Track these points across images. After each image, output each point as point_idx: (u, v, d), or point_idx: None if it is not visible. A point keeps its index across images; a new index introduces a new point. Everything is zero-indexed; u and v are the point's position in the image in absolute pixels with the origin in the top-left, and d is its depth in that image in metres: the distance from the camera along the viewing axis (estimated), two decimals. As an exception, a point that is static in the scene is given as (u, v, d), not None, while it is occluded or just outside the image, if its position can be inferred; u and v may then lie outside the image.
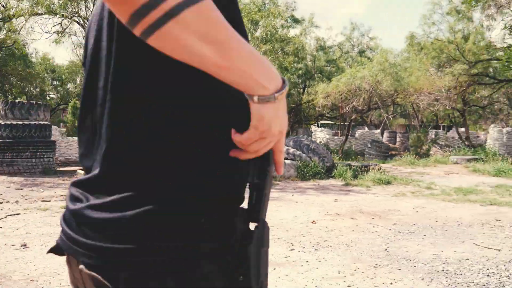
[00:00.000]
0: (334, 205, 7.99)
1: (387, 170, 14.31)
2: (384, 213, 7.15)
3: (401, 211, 7.33)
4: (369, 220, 6.54)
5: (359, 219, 6.63)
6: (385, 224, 6.20)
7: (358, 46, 33.06)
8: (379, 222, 6.38)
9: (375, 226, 6.07)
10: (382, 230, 5.82)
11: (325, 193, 9.63)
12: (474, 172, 14.04)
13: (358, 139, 29.34)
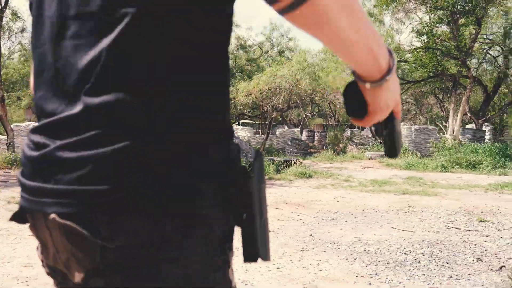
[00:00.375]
0: (259, 198, 8.12)
1: (308, 165, 14.79)
2: (307, 203, 7.40)
3: (322, 201, 7.63)
4: (293, 209, 6.75)
5: (284, 209, 6.82)
6: (309, 213, 6.44)
7: (277, 46, 33.77)
8: (303, 211, 6.61)
9: (300, 215, 6.29)
10: (306, 218, 6.04)
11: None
12: (387, 166, 14.90)
13: (279, 137, 30.00)
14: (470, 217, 6.06)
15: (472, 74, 16.57)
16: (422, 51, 16.75)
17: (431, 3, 14.72)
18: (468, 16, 15.08)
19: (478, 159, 13.82)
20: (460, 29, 15.80)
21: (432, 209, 6.67)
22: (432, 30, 16.25)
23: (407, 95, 26.30)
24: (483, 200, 7.91)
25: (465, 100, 16.56)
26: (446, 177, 11.95)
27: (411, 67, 19.32)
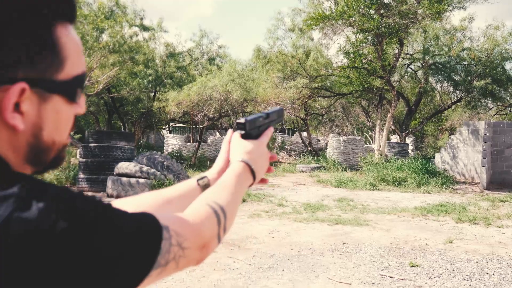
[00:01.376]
0: (193, 234, 7.92)
1: (240, 183, 14.73)
2: (243, 241, 7.30)
3: (258, 237, 7.56)
4: (229, 252, 6.62)
5: (220, 251, 6.66)
6: (245, 257, 6.33)
7: (207, 53, 33.50)
8: (239, 254, 6.49)
9: (236, 261, 6.16)
10: (242, 266, 5.93)
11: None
12: (318, 183, 15.17)
13: (211, 146, 29.78)
14: (402, 259, 6.22)
15: (396, 93, 17.28)
16: (349, 69, 17.26)
17: (357, 26, 15.16)
18: (392, 37, 15.70)
19: (403, 176, 14.43)
20: (384, 49, 16.43)
21: (366, 248, 6.80)
22: (359, 51, 16.77)
23: (335, 105, 27.05)
24: (411, 230, 8.22)
25: (390, 117, 17.25)
26: (375, 197, 12.35)
27: (340, 84, 19.85)
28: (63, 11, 0.68)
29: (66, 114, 0.71)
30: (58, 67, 0.67)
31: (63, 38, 0.67)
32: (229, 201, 0.90)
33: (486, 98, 21.89)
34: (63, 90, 0.68)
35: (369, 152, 19.54)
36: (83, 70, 0.72)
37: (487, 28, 20.89)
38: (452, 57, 20.18)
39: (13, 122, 0.62)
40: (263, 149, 1.10)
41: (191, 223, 0.79)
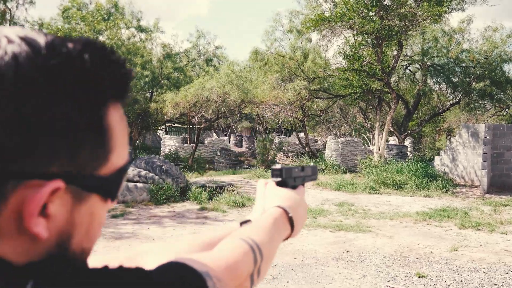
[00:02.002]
0: (194, 241, 7.80)
1: (239, 186, 14.63)
2: (244, 249, 7.18)
3: (260, 245, 7.45)
4: (232, 261, 6.50)
5: (222, 260, 6.55)
6: (248, 267, 6.22)
7: (204, 54, 33.36)
8: (241, 264, 6.38)
9: (239, 272, 6.05)
10: (246, 277, 5.82)
11: (182, 222, 9.40)
12: (318, 186, 15.06)
13: (208, 147, 29.68)
14: (408, 269, 6.12)
15: (395, 95, 17.21)
16: (349, 71, 17.17)
17: (357, 28, 15.06)
18: (391, 40, 15.62)
19: (403, 179, 14.34)
20: (383, 51, 16.35)
21: (370, 257, 6.69)
22: (358, 53, 16.69)
23: (333, 106, 27.00)
24: (415, 236, 8.12)
25: (389, 119, 17.17)
26: (375, 201, 12.25)
27: (339, 86, 19.77)
28: (118, 89, 0.55)
29: (101, 215, 0.58)
30: (102, 160, 0.54)
31: (113, 123, 0.55)
32: (266, 242, 0.82)
33: (485, 100, 21.86)
34: (104, 187, 0.56)
35: (368, 154, 19.46)
36: (127, 160, 0.60)
37: (486, 29, 20.86)
38: (451, 58, 20.14)
39: (36, 229, 0.49)
40: (303, 200, 1.02)
41: (229, 262, 0.71)
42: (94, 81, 0.51)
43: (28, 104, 0.46)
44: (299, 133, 30.31)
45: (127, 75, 0.56)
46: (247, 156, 30.81)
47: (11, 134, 0.46)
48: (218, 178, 16.33)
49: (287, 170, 1.02)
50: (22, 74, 0.46)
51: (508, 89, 21.31)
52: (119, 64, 0.55)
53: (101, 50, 0.53)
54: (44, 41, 0.49)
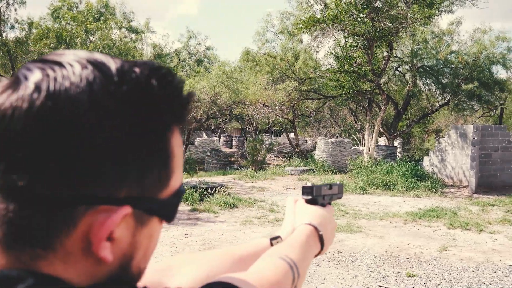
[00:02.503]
0: (186, 242, 7.83)
1: (230, 187, 14.64)
2: (236, 250, 7.22)
3: (252, 246, 7.49)
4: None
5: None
6: (241, 268, 6.26)
7: (195, 55, 33.33)
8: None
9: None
10: (239, 278, 5.85)
11: (174, 223, 9.39)
12: (308, 187, 15.11)
13: (198, 147, 29.66)
14: (398, 269, 6.20)
15: (385, 96, 17.36)
16: (339, 72, 17.28)
17: (348, 30, 15.17)
18: (382, 41, 15.75)
19: (393, 180, 14.47)
20: (374, 52, 16.49)
21: (361, 257, 6.77)
22: (349, 54, 16.80)
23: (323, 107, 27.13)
24: (404, 236, 8.22)
25: (379, 120, 17.31)
26: (365, 201, 12.35)
27: (329, 87, 19.87)
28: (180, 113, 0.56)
29: (157, 237, 0.59)
30: (165, 184, 0.55)
31: (175, 147, 0.56)
32: (301, 260, 0.84)
33: (473, 101, 22.11)
34: (164, 210, 0.57)
35: (357, 155, 19.59)
36: (182, 182, 0.61)
37: (475, 32, 21.13)
38: (440, 60, 20.36)
39: (103, 254, 0.50)
40: (332, 218, 1.04)
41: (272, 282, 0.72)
42: (161, 107, 0.53)
43: (101, 131, 0.47)
44: (289, 134, 30.38)
45: (188, 99, 0.57)
46: (237, 156, 30.83)
47: (85, 160, 0.47)
48: (209, 179, 16.33)
49: (317, 188, 1.05)
50: (96, 101, 0.48)
51: (496, 90, 21.58)
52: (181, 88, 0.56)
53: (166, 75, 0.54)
54: (114, 67, 0.51)
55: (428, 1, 15.03)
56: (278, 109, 21.64)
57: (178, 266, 0.86)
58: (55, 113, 0.46)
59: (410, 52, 20.68)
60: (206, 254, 0.93)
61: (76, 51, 0.53)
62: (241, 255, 0.94)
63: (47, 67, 0.49)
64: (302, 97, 21.98)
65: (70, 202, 0.48)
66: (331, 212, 1.06)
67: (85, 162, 0.47)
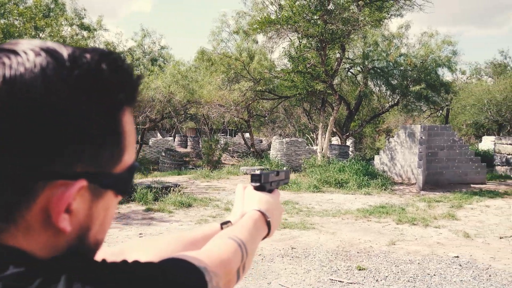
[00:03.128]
0: (140, 241, 7.77)
1: (185, 186, 14.59)
2: (192, 248, 7.24)
3: (207, 244, 7.53)
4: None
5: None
6: (196, 266, 6.29)
7: (149, 54, 32.90)
8: (189, 262, 6.44)
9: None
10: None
11: (128, 224, 9.30)
12: (263, 186, 15.28)
13: (152, 147, 29.29)
14: (349, 263, 6.42)
15: (338, 97, 17.77)
16: (293, 73, 17.55)
17: (302, 31, 15.44)
18: (334, 43, 16.12)
19: (345, 178, 14.85)
20: (327, 54, 16.85)
21: (314, 252, 6.95)
22: (303, 55, 17.10)
23: (278, 107, 27.42)
24: (356, 232, 8.49)
25: (332, 120, 17.72)
26: (319, 199, 12.63)
27: (284, 88, 20.12)
28: (130, 95, 0.61)
29: (113, 209, 0.65)
30: (118, 159, 0.60)
31: (127, 125, 0.61)
32: (249, 241, 0.89)
33: (421, 102, 22.97)
34: (118, 184, 0.62)
35: (311, 154, 19.95)
36: (135, 158, 0.66)
37: (422, 35, 21.99)
38: (390, 62, 21.04)
39: (62, 225, 0.55)
40: (278, 204, 1.11)
41: (222, 259, 0.77)
42: (112, 89, 0.58)
43: (56, 112, 0.52)
44: (244, 134, 30.54)
45: (137, 81, 0.62)
46: (192, 156, 30.67)
47: (43, 139, 0.52)
48: (164, 179, 16.20)
49: (265, 175, 1.11)
50: (50, 85, 0.52)
51: (442, 92, 22.53)
52: (130, 72, 0.61)
53: (116, 60, 0.59)
54: (66, 53, 0.55)
55: (378, 4, 15.55)
56: (233, 109, 21.71)
57: (130, 250, 0.90)
58: (12, 97, 0.51)
59: (361, 54, 21.26)
60: (158, 239, 0.98)
61: (30, 40, 0.57)
62: (192, 239, 0.99)
63: (2, 56, 0.53)
64: (257, 97, 22.15)
65: (30, 178, 0.53)
66: (277, 196, 1.13)
67: (42, 141, 0.52)
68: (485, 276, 5.89)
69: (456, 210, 11.08)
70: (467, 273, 6.00)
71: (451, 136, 16.44)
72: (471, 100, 25.66)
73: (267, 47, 19.53)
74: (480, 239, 8.10)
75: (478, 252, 7.13)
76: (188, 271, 0.66)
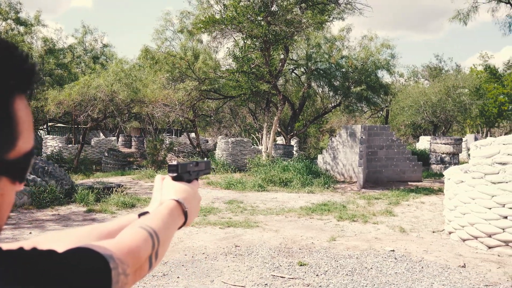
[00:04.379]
0: (81, 243, 7.58)
1: (129, 187, 14.34)
2: (134, 249, 7.14)
3: (150, 244, 7.45)
4: (121, 261, 6.45)
5: (111, 261, 6.47)
6: (138, 266, 6.22)
7: (91, 51, 31.97)
8: (131, 263, 6.35)
9: (129, 271, 6.03)
10: (136, 276, 5.82)
11: (68, 225, 9.04)
12: (208, 185, 15.29)
13: (94, 147, 28.51)
14: (291, 259, 6.57)
15: (282, 97, 18.04)
16: (238, 73, 17.65)
17: (246, 32, 15.56)
18: (278, 44, 16.36)
19: (289, 177, 15.11)
20: (271, 55, 17.07)
21: (257, 250, 7.05)
22: (247, 55, 17.22)
23: (223, 107, 27.45)
24: (298, 229, 8.68)
25: (276, 120, 17.96)
26: (263, 198, 12.79)
27: (229, 87, 20.17)
28: (23, 82, 0.62)
29: (10, 196, 0.64)
30: (10, 145, 0.60)
31: (19, 112, 0.61)
32: (162, 228, 0.91)
33: (362, 103, 23.74)
34: (12, 170, 0.62)
35: (257, 154, 20.14)
36: (32, 145, 0.66)
37: (363, 38, 22.73)
38: (332, 64, 21.60)
39: None
40: (197, 193, 1.14)
41: (130, 247, 0.78)
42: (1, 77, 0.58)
43: None
44: (190, 134, 30.35)
45: (30, 69, 0.62)
46: (136, 156, 30.13)
47: None
48: (106, 180, 15.85)
49: (182, 165, 1.14)
50: None
51: (382, 93, 23.39)
52: (22, 59, 0.61)
53: (7, 48, 0.59)
54: None
55: (320, 7, 15.95)
56: (178, 109, 21.52)
57: (44, 243, 0.89)
58: None
59: (305, 55, 21.70)
60: (74, 231, 0.98)
61: None
62: (108, 230, 1.00)
63: None
64: (202, 96, 22.08)
65: None
66: (196, 186, 1.16)
67: None
68: (418, 268, 6.22)
69: (394, 207, 11.56)
70: (401, 266, 6.30)
71: (389, 136, 17.11)
72: (408, 101, 26.84)
73: (211, 47, 19.53)
74: (414, 234, 8.51)
75: (412, 246, 7.49)
76: (91, 258, 0.67)
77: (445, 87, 25.98)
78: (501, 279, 5.83)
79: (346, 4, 16.92)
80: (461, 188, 7.87)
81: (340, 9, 17.18)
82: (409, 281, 5.69)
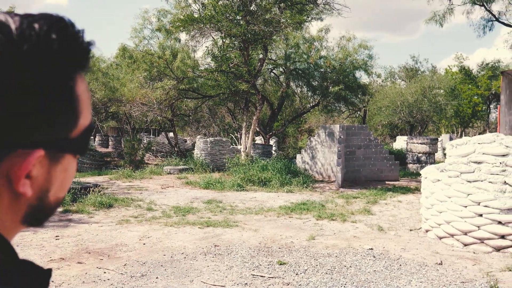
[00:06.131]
0: (56, 244, 7.44)
1: (106, 187, 14.14)
2: (112, 249, 7.06)
3: (128, 245, 7.37)
4: (98, 262, 6.36)
5: (87, 262, 6.37)
6: (116, 266, 6.14)
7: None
8: (109, 264, 6.27)
9: (106, 272, 5.95)
10: (114, 277, 5.75)
11: (43, 226, 8.85)
12: (187, 185, 15.20)
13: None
14: (271, 258, 6.57)
15: (261, 97, 18.05)
16: (217, 72, 17.59)
17: (225, 31, 15.52)
18: (257, 43, 16.37)
19: (268, 176, 15.13)
20: (250, 54, 17.06)
21: (237, 249, 7.03)
22: (226, 55, 17.18)
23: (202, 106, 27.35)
24: (277, 229, 8.69)
25: (255, 120, 17.95)
26: (242, 197, 12.77)
27: (208, 87, 20.10)
28: (81, 61, 0.62)
29: (73, 169, 0.68)
30: (74, 124, 0.63)
31: (80, 91, 0.63)
32: None
33: (340, 103, 23.93)
34: (75, 147, 0.65)
35: (236, 153, 20.11)
36: (90, 120, 0.68)
37: (341, 39, 22.92)
38: (311, 64, 21.71)
39: (23, 189, 0.60)
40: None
41: None
42: (62, 58, 0.59)
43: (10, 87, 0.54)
44: (168, 133, 30.13)
45: (88, 47, 0.63)
46: (114, 156, 29.78)
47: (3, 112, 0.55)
48: (83, 179, 15.60)
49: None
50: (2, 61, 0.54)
51: (359, 93, 23.62)
52: (80, 38, 0.62)
53: (65, 27, 0.60)
54: (14, 27, 0.57)
55: (299, 7, 15.99)
56: (156, 108, 21.37)
57: None
58: None
59: (283, 55, 21.76)
60: None
61: None
62: None
63: None
64: (180, 96, 21.95)
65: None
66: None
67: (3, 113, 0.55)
68: (396, 266, 6.29)
69: (372, 206, 11.67)
70: (380, 264, 6.36)
71: (367, 135, 17.28)
72: (386, 102, 27.17)
73: (190, 46, 19.42)
74: (392, 232, 8.60)
75: (390, 244, 7.58)
76: None
77: (421, 87, 26.38)
78: (477, 276, 5.93)
79: (325, 5, 17.02)
80: (438, 187, 8.00)
81: (319, 10, 17.28)
82: (388, 278, 5.75)
